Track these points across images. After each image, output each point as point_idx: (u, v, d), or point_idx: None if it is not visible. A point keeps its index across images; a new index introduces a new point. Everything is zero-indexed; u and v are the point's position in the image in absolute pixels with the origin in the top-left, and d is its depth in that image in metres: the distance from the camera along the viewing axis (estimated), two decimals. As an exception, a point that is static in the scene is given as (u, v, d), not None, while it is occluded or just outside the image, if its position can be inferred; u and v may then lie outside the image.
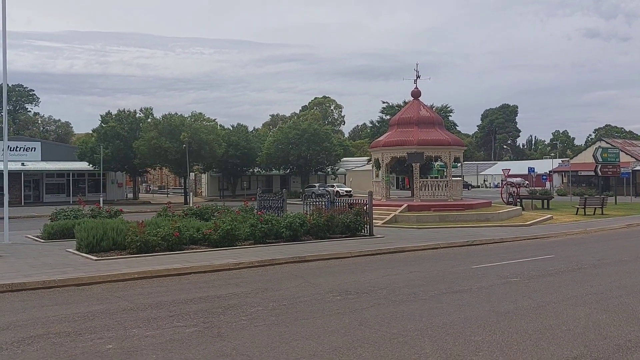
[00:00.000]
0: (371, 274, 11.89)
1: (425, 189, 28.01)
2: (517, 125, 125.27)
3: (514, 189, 34.59)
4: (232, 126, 62.45)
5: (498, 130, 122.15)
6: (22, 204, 45.64)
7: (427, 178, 30.77)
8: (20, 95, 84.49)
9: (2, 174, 18.20)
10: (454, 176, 29.96)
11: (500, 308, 8.59)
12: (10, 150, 47.95)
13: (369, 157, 46.14)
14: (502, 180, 46.24)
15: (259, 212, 18.90)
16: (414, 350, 6.47)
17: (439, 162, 38.21)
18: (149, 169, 59.84)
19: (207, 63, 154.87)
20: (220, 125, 57.72)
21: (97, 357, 6.29)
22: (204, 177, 62.96)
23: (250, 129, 65.39)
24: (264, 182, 62.90)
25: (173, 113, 50.51)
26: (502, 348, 6.53)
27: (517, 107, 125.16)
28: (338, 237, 18.11)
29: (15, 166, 45.50)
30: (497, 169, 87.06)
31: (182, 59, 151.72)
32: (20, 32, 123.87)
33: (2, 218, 18.02)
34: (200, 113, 52.09)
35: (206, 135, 47.79)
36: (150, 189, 78.75)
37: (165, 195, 65.18)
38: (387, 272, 12.16)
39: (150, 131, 47.47)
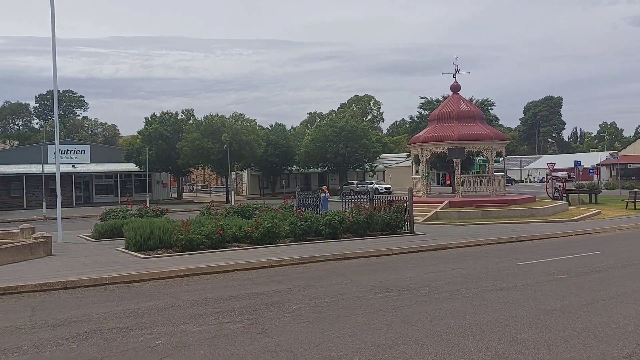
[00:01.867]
0: (412, 272, 11.83)
1: (466, 185, 27.57)
2: (562, 118, 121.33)
3: (560, 184, 33.57)
4: (271, 125, 63.10)
5: (542, 123, 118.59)
6: (74, 204, 47.62)
7: (468, 174, 30.29)
8: (70, 101, 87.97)
9: (55, 176, 19.05)
10: (496, 171, 29.37)
11: (546, 305, 8.40)
12: (61, 153, 50.05)
13: (408, 154, 45.70)
14: (547, 175, 44.92)
15: (298, 210, 19.08)
16: (458, 348, 6.42)
17: (480, 157, 37.52)
18: (192, 169, 61.21)
19: (246, 64, 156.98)
20: (260, 125, 58.52)
21: (148, 352, 6.53)
22: (245, 176, 63.91)
23: (288, 127, 65.87)
24: (302, 180, 63.28)
25: (214, 114, 51.57)
26: (549, 346, 6.40)
27: (561, 98, 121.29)
28: (378, 234, 18.06)
29: (66, 168, 47.47)
30: (541, 163, 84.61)
31: (222, 61, 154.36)
32: (69, 39, 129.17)
33: (56, 218, 18.88)
34: (241, 114, 53.02)
35: (246, 135, 48.56)
36: (193, 188, 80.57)
37: (208, 194, 66.53)
38: (428, 270, 12.07)
39: (193, 132, 48.64)
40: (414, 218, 19.71)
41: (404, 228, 18.82)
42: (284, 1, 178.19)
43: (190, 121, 52.92)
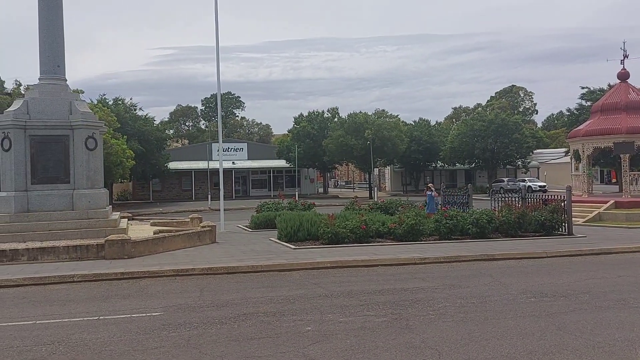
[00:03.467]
0: (570, 277, 10.94)
1: (636, 184, 24.62)
2: None
3: None
4: (414, 121, 62.43)
5: None
6: (233, 197, 52.37)
7: (638, 171, 26.95)
8: (230, 103, 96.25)
9: (218, 171, 21.21)
10: (676, 168, 25.66)
11: None
12: (223, 151, 55.34)
13: (566, 149, 42.01)
14: None
15: (443, 208, 18.69)
16: (623, 363, 5.84)
17: (655, 152, 32.99)
18: (337, 165, 63.30)
19: (390, 60, 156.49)
20: (403, 121, 58.33)
21: (298, 337, 6.99)
22: (387, 172, 64.19)
23: (432, 123, 64.53)
24: (447, 176, 61.59)
25: (357, 112, 52.74)
26: None
27: None
28: (530, 235, 16.98)
29: (227, 165, 52.31)
30: None
31: (366, 59, 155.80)
32: (229, 47, 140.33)
33: (219, 209, 20.95)
34: (383, 110, 53.58)
35: (389, 131, 48.84)
36: (338, 183, 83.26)
37: (352, 189, 68.20)
38: (589, 275, 11.06)
39: (337, 130, 50.36)
40: (573, 219, 18.18)
41: (560, 229, 17.45)
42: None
43: (335, 119, 54.83)
